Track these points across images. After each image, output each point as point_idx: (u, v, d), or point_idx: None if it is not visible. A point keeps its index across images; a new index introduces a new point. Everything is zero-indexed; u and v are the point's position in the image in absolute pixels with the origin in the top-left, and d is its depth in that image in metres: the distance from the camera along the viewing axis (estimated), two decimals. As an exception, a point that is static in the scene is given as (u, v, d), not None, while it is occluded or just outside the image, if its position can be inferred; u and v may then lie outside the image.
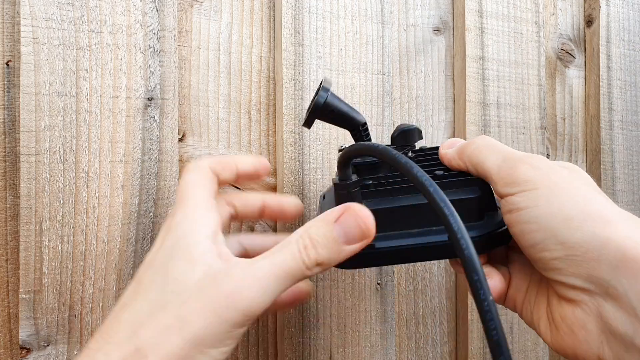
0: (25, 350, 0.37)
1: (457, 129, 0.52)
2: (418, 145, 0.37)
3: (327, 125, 0.45)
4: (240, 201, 0.36)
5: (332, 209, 0.29)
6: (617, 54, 0.59)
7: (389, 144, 0.34)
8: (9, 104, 0.38)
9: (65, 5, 0.38)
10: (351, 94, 0.47)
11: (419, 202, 0.31)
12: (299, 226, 0.30)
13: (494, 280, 0.32)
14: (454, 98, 0.53)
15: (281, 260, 0.27)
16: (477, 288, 0.24)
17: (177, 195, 0.32)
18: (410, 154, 0.33)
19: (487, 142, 0.32)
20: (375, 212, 0.29)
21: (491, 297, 0.24)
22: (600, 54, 0.58)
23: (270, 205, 0.37)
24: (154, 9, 0.40)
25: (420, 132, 0.34)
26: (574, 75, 0.60)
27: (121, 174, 0.39)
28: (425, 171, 0.31)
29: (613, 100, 0.59)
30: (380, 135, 0.48)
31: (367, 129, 0.35)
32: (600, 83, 0.58)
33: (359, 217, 0.28)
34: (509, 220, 0.29)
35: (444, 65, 0.53)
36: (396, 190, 0.31)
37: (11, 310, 0.38)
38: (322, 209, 0.37)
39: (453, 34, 0.53)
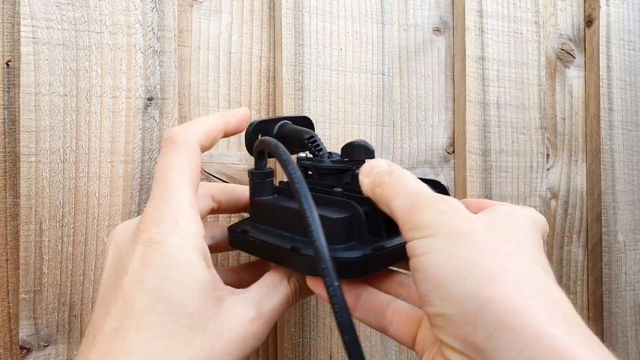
0: (25, 350, 0.37)
1: (457, 129, 0.52)
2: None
3: (327, 125, 0.45)
4: (225, 195, 0.35)
5: None
6: (617, 54, 0.59)
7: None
8: (9, 104, 0.38)
9: (65, 5, 0.38)
10: (351, 94, 0.47)
11: (296, 207, 0.29)
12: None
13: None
14: (454, 98, 0.53)
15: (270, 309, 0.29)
16: (325, 275, 0.24)
17: (157, 179, 0.29)
18: (355, 169, 0.33)
19: (399, 180, 0.28)
20: (263, 205, 0.32)
21: (336, 283, 0.24)
22: (600, 54, 0.58)
23: None
24: (154, 9, 0.40)
25: (368, 150, 0.33)
26: (574, 75, 0.60)
27: (121, 174, 0.39)
28: (336, 186, 0.32)
29: (613, 100, 0.59)
30: (380, 136, 0.48)
31: (314, 141, 0.35)
32: (600, 83, 0.58)
33: None
34: (410, 266, 0.25)
35: (444, 65, 0.53)
36: (299, 192, 0.29)
37: (11, 310, 0.38)
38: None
39: (453, 34, 0.53)
